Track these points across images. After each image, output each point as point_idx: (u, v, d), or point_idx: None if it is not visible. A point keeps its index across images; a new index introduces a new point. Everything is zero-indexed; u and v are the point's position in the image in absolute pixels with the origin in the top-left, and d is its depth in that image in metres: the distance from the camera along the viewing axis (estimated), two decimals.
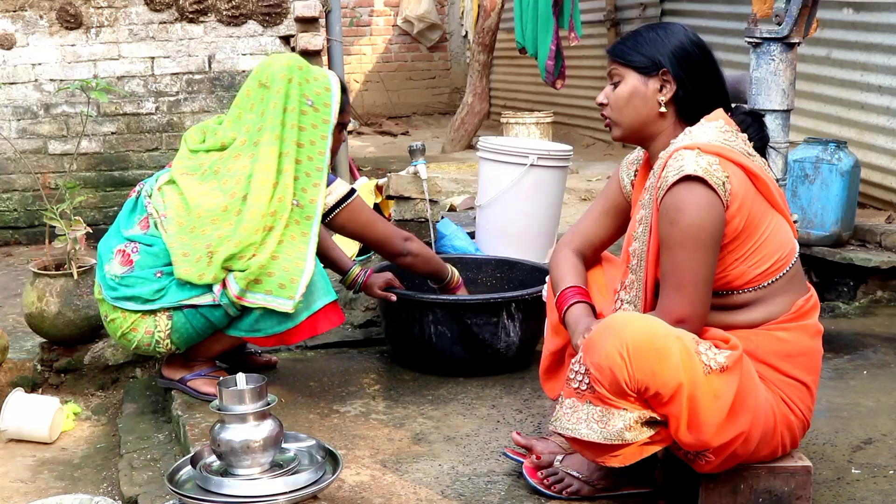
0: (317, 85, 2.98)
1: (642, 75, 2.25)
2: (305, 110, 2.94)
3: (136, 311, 2.86)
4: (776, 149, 3.15)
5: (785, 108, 3.14)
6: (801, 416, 2.23)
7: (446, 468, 2.51)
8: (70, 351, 3.56)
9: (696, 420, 2.08)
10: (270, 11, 5.70)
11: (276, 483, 2.21)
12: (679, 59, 2.23)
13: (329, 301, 2.90)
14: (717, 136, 2.17)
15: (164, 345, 2.89)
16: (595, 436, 2.11)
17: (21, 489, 2.85)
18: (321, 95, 2.97)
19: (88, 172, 5.67)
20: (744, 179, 2.14)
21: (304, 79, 2.97)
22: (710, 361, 2.08)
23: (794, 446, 2.26)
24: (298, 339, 2.92)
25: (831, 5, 4.82)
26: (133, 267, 2.87)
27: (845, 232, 4.14)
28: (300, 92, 2.94)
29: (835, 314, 3.95)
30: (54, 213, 3.43)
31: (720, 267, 2.16)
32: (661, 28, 2.29)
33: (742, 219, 2.13)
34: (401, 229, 3.26)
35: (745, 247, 2.15)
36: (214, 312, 2.84)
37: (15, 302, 4.19)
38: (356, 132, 9.04)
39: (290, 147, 2.90)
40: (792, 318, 2.21)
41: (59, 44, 5.59)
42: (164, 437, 2.98)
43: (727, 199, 2.10)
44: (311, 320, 2.87)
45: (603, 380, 2.07)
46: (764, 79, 3.12)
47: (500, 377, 3.16)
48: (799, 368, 2.22)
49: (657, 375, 2.04)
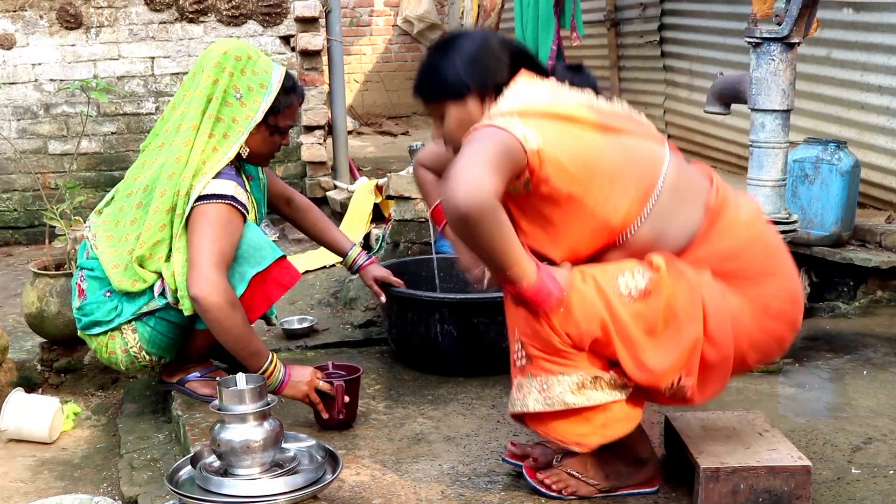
0: (252, 79, 2.82)
1: (458, 101, 2.22)
2: (230, 102, 2.79)
3: (104, 334, 2.86)
4: (776, 147, 3.16)
5: (785, 108, 3.13)
6: (781, 308, 2.18)
7: (446, 468, 2.51)
8: (70, 351, 3.56)
9: (634, 350, 2.09)
10: (270, 11, 5.70)
11: (276, 483, 2.21)
12: (474, 71, 2.21)
13: (265, 266, 2.77)
14: (516, 97, 2.15)
15: (143, 357, 2.87)
16: (539, 405, 2.14)
17: (21, 489, 2.85)
18: (253, 91, 2.81)
19: (88, 172, 5.68)
20: (554, 124, 2.08)
21: (239, 69, 2.80)
22: (629, 290, 2.09)
23: (787, 340, 2.23)
24: (256, 313, 2.80)
25: (831, 5, 4.82)
26: (86, 295, 2.88)
27: (845, 232, 4.14)
28: (230, 82, 2.79)
29: (835, 314, 3.95)
30: (54, 213, 3.43)
31: (591, 221, 2.09)
32: (444, 49, 2.26)
33: (566, 161, 2.05)
34: (221, 275, 2.64)
35: (595, 184, 2.07)
36: (171, 313, 2.81)
37: (15, 302, 4.19)
38: (356, 132, 9.03)
39: (202, 138, 2.76)
40: (709, 221, 2.16)
41: (59, 44, 5.59)
42: (164, 437, 2.98)
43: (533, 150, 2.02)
44: (257, 288, 2.76)
45: (535, 342, 2.11)
46: (764, 79, 3.12)
47: (501, 377, 3.15)
48: (754, 261, 2.18)
49: (580, 324, 2.07)
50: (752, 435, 2.40)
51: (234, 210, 2.72)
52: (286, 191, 3.25)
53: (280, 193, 3.22)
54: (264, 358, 2.66)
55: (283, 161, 6.04)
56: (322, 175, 5.86)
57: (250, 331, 2.66)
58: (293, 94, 2.87)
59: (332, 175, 5.93)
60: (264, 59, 2.87)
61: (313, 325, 3.71)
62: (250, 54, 2.84)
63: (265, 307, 2.83)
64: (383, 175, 5.08)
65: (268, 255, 2.79)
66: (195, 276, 2.61)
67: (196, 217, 2.69)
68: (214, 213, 2.69)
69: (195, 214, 2.69)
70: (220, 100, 2.78)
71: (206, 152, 2.76)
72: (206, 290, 2.59)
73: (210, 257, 2.63)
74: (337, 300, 4.07)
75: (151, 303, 2.80)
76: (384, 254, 4.19)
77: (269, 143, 2.86)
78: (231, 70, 2.80)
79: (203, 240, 2.65)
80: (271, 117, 2.83)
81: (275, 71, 2.85)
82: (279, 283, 2.82)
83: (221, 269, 2.65)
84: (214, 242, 2.65)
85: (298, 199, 3.26)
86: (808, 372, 3.25)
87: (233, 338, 2.63)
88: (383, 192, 4.77)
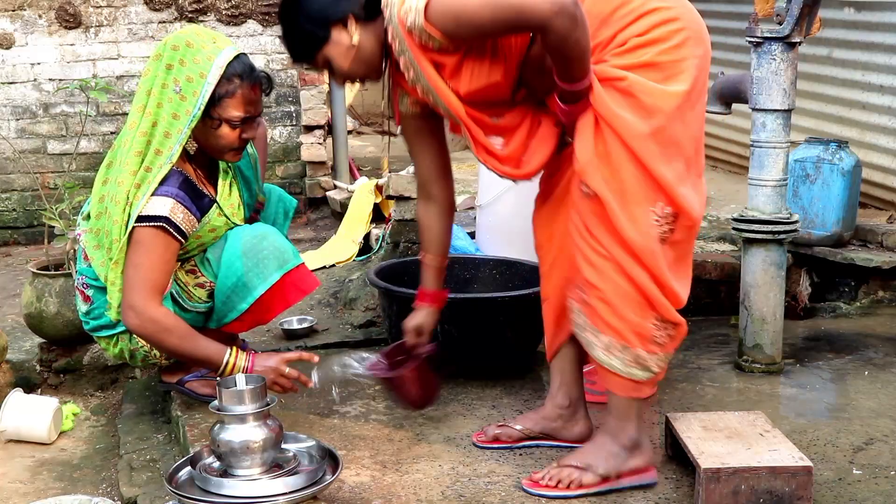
0: (192, 68, 2.56)
1: (327, 44, 2.33)
2: (170, 97, 2.57)
3: (112, 337, 2.83)
4: (777, 147, 3.15)
5: (786, 107, 3.13)
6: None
7: (446, 468, 2.51)
8: (69, 351, 3.55)
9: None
10: (270, 11, 5.70)
11: (276, 484, 2.20)
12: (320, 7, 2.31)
13: (292, 266, 2.76)
14: None
15: (153, 355, 2.85)
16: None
17: (20, 490, 2.84)
18: (192, 82, 2.56)
19: (88, 172, 5.67)
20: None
21: (178, 59, 2.57)
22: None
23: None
24: (272, 314, 2.81)
25: (832, 4, 4.81)
26: (92, 300, 2.84)
27: (846, 232, 4.13)
28: (169, 76, 2.57)
29: (836, 314, 3.94)
30: (53, 213, 3.43)
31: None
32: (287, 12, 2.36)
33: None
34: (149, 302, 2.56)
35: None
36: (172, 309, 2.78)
37: (14, 302, 4.18)
38: (356, 132, 9.01)
39: (140, 140, 2.60)
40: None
41: (58, 43, 5.59)
42: (163, 437, 2.98)
43: None
44: (277, 290, 2.75)
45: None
46: (765, 78, 3.11)
47: (501, 377, 3.15)
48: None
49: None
50: (753, 435, 2.39)
51: (168, 236, 2.58)
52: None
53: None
54: (220, 357, 2.61)
55: (283, 161, 6.03)
56: (322, 175, 5.86)
57: (193, 343, 2.62)
58: (238, 80, 2.59)
59: (331, 175, 5.93)
60: (210, 47, 2.60)
61: (313, 326, 3.71)
62: (190, 42, 2.59)
63: (282, 309, 2.83)
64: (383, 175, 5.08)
65: (290, 258, 2.78)
66: (124, 307, 2.59)
67: (131, 243, 2.59)
68: (148, 240, 2.57)
69: (131, 239, 2.58)
70: (157, 96, 2.59)
71: (148, 157, 2.60)
72: (133, 322, 2.58)
73: (139, 287, 2.56)
74: (337, 300, 4.06)
75: None
76: (384, 254, 4.18)
77: (219, 138, 2.63)
78: (168, 62, 2.58)
79: (133, 269, 2.58)
80: (213, 109, 2.58)
81: (218, 57, 2.58)
82: (299, 287, 2.81)
83: (151, 296, 2.57)
84: (146, 271, 2.57)
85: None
86: (809, 372, 3.25)
87: (177, 355, 2.67)
88: (383, 192, 4.76)
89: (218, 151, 2.69)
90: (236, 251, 2.75)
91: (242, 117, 2.62)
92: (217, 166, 2.83)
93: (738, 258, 3.68)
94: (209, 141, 2.65)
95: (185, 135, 2.59)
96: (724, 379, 3.18)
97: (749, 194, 3.23)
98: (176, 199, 2.58)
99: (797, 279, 4.03)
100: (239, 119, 2.62)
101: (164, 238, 2.58)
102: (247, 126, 2.65)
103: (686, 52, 2.23)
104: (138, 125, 2.62)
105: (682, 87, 2.21)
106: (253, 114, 2.64)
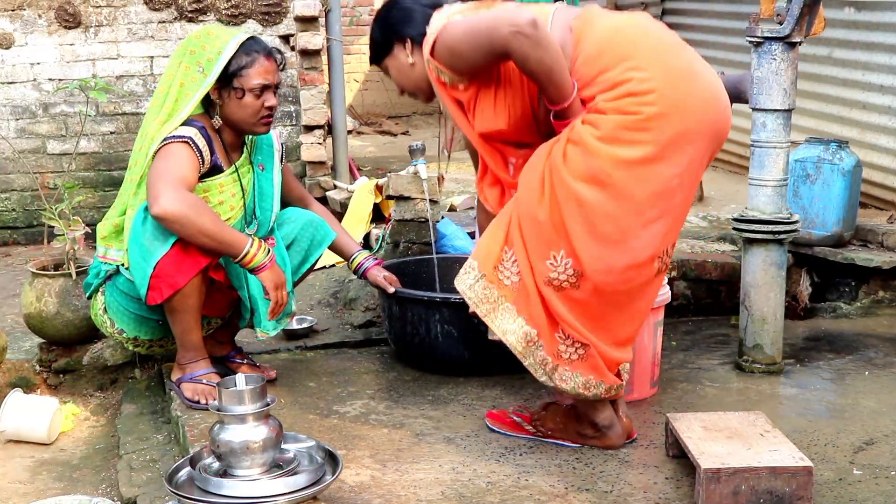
0: (211, 50, 2.84)
1: (389, 56, 2.62)
2: (194, 77, 2.84)
3: (93, 296, 3.02)
4: (777, 147, 3.15)
5: (786, 107, 3.12)
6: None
7: (446, 468, 2.51)
8: (69, 351, 3.55)
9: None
10: (270, 11, 5.69)
11: (276, 484, 2.20)
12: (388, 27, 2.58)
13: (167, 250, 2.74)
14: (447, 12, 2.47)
15: (106, 322, 2.99)
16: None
17: (20, 490, 2.84)
18: (211, 61, 2.84)
19: (87, 172, 5.67)
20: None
21: (200, 45, 2.85)
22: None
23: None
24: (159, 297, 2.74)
25: (833, 4, 4.81)
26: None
27: (847, 232, 4.13)
28: (192, 60, 2.84)
29: (836, 314, 3.94)
30: (53, 213, 3.42)
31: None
32: (374, 19, 2.64)
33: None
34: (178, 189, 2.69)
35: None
36: (119, 279, 2.92)
37: (13, 302, 4.18)
38: (356, 132, 9.02)
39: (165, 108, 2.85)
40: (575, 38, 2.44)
41: (57, 43, 5.58)
42: (163, 437, 2.98)
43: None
44: (164, 274, 2.73)
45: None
46: (765, 78, 3.11)
47: (501, 377, 3.14)
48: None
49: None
50: (754, 435, 2.39)
51: (191, 150, 2.79)
52: (302, 192, 3.28)
53: (294, 191, 3.24)
54: (244, 243, 2.75)
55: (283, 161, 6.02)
56: (322, 175, 5.85)
57: (222, 225, 2.74)
58: (256, 53, 2.85)
59: (331, 175, 5.92)
60: (227, 32, 2.90)
61: (313, 326, 3.70)
62: (210, 31, 2.91)
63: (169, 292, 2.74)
64: (383, 175, 5.07)
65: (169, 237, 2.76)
66: (152, 199, 2.68)
67: (157, 157, 2.77)
68: (175, 150, 2.77)
69: (157, 155, 2.77)
70: (181, 76, 2.84)
71: (173, 109, 2.84)
72: (168, 204, 2.65)
73: (168, 178, 2.69)
74: (337, 300, 4.06)
75: (107, 266, 2.93)
76: (384, 254, 4.17)
77: (244, 107, 2.86)
78: (192, 48, 2.86)
79: (161, 168, 2.72)
80: (235, 79, 2.83)
81: (234, 38, 2.87)
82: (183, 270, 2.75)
83: (180, 185, 2.70)
84: (175, 167, 2.73)
85: (311, 204, 3.27)
86: (809, 372, 3.24)
87: (208, 236, 2.70)
88: (383, 192, 4.76)
89: (247, 123, 2.89)
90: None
91: (262, 84, 2.86)
92: (239, 153, 2.98)
93: (738, 258, 3.68)
94: (237, 114, 2.87)
95: (209, 84, 2.81)
96: (725, 379, 3.18)
97: (749, 194, 3.23)
98: (199, 131, 2.83)
99: (797, 279, 4.03)
100: (259, 87, 2.85)
101: (189, 150, 2.79)
102: (267, 94, 2.88)
103: (652, 124, 2.30)
104: (162, 103, 2.85)
105: (636, 154, 2.30)
106: (272, 82, 2.89)
